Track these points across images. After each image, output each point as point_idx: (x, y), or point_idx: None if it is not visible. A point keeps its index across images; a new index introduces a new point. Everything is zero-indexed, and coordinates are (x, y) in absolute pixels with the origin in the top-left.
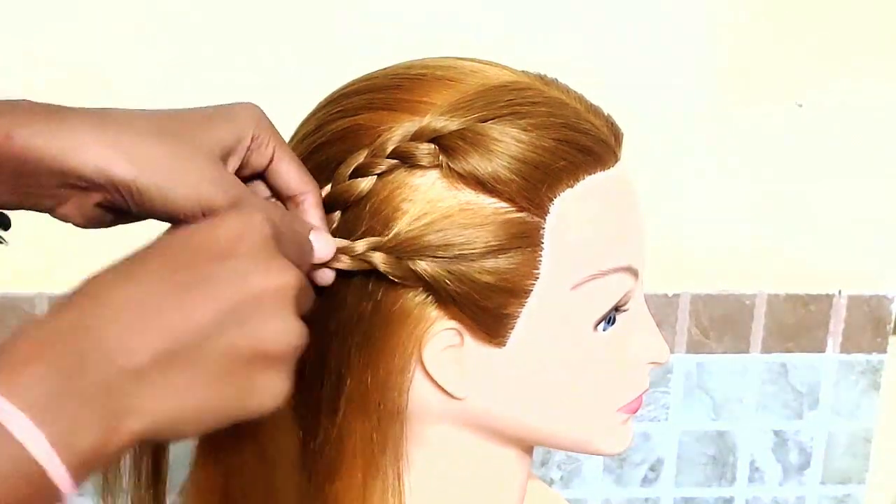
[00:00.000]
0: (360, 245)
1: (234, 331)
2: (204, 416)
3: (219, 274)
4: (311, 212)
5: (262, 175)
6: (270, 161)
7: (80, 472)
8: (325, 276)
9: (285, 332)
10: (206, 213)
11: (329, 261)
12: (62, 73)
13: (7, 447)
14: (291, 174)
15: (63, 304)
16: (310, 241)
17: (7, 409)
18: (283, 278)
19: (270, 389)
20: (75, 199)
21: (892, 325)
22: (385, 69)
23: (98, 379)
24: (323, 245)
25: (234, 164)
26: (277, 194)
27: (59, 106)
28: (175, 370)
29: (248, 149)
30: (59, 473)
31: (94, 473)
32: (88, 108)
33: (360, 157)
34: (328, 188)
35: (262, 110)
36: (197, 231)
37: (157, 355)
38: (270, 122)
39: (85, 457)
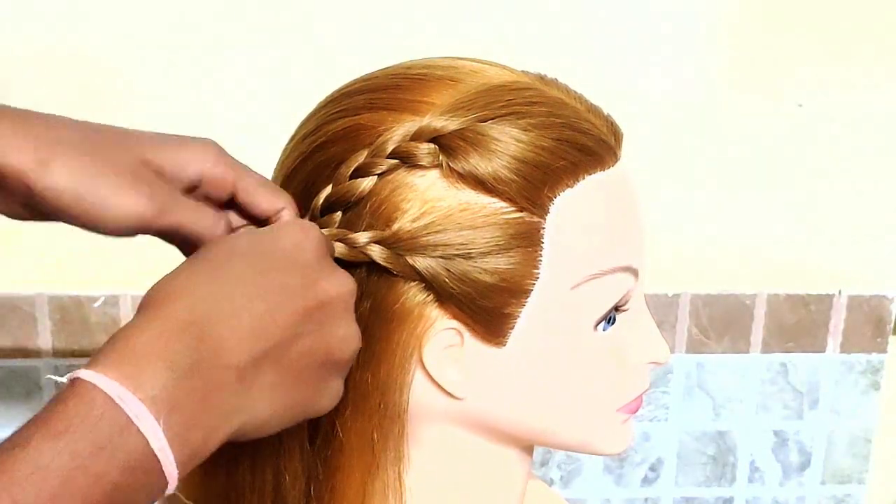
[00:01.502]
0: (363, 237)
1: (310, 335)
2: (285, 415)
3: (293, 281)
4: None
5: (233, 203)
6: (235, 193)
7: (186, 467)
8: None
9: (351, 336)
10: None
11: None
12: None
13: (132, 439)
14: (263, 196)
15: (163, 300)
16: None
17: (134, 403)
18: (346, 285)
19: (334, 391)
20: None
21: (892, 325)
22: (385, 69)
23: (211, 378)
24: None
25: (180, 184)
26: (252, 219)
27: None
28: (267, 371)
29: (197, 185)
30: (170, 467)
31: (193, 467)
32: (13, 108)
33: (361, 157)
34: (329, 188)
35: (217, 145)
36: (262, 236)
37: (254, 356)
38: (227, 156)
39: (194, 453)
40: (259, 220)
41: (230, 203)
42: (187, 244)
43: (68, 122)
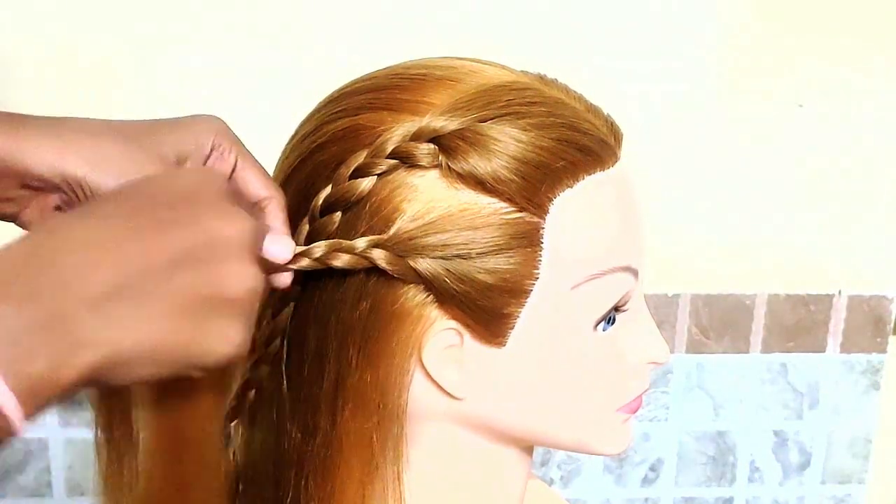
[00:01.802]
0: (361, 242)
1: (190, 271)
2: (159, 356)
3: (176, 218)
4: (274, 214)
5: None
6: (234, 170)
7: (30, 400)
8: (283, 279)
9: (241, 275)
10: None
11: (329, 259)
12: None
13: None
14: (255, 181)
15: (21, 238)
16: (266, 225)
17: None
18: (238, 224)
19: (226, 333)
20: (35, 203)
21: (892, 325)
22: (385, 69)
23: (52, 308)
24: (280, 247)
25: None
26: (242, 202)
27: (11, 112)
28: (130, 304)
29: (208, 157)
30: (6, 400)
31: (48, 405)
32: (43, 116)
33: (360, 158)
34: (328, 189)
35: (224, 122)
36: (157, 179)
37: (112, 288)
38: (233, 133)
39: (36, 385)
40: (248, 205)
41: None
42: None
43: (99, 127)
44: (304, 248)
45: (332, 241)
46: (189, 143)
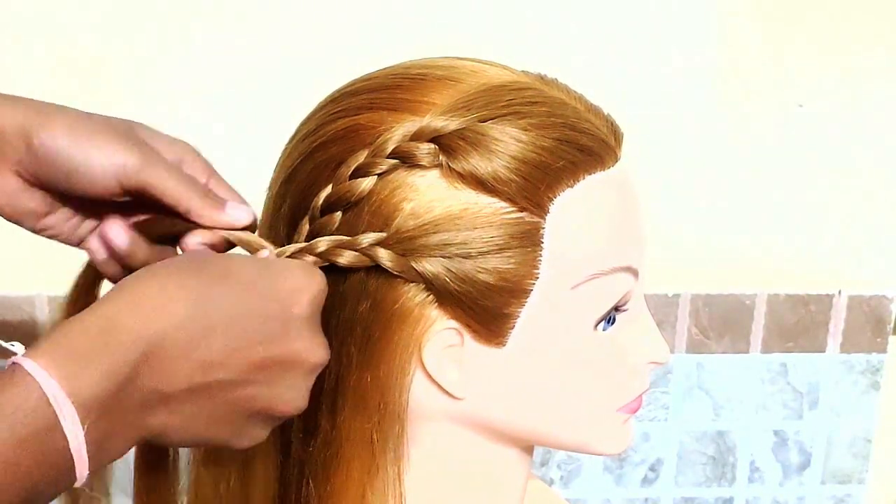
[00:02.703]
0: (364, 239)
1: (257, 386)
2: (194, 440)
3: (269, 332)
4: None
5: None
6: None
7: (96, 468)
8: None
9: (298, 400)
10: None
11: (332, 256)
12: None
13: (55, 437)
14: (222, 190)
15: (124, 301)
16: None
17: (67, 406)
18: (317, 356)
19: (256, 437)
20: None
21: (892, 325)
22: (385, 69)
23: (142, 396)
24: (241, 212)
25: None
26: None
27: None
28: (195, 402)
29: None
30: (82, 468)
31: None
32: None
33: (361, 157)
34: (329, 188)
35: (198, 151)
36: (264, 272)
37: (191, 387)
38: (204, 158)
39: (105, 457)
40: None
41: None
42: (166, 213)
43: (64, 110)
44: (305, 243)
45: (335, 237)
46: (164, 147)
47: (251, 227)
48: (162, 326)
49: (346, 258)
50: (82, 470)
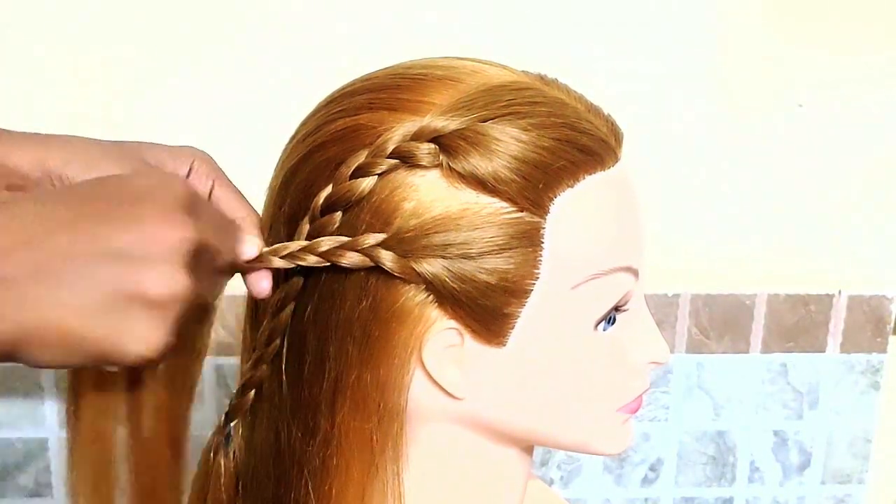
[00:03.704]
0: (367, 240)
1: (119, 267)
2: (69, 343)
3: (120, 214)
4: (248, 227)
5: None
6: (211, 191)
7: None
8: (261, 288)
9: (168, 279)
10: None
11: (334, 256)
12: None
13: None
14: (231, 201)
15: None
16: (239, 230)
17: None
18: (177, 231)
19: (144, 334)
20: None
21: (892, 325)
22: (385, 69)
23: None
24: (250, 246)
25: None
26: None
27: None
28: (46, 287)
29: (187, 175)
30: None
31: None
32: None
33: (361, 157)
34: (329, 188)
35: (208, 154)
36: (121, 176)
37: (39, 270)
38: (214, 162)
39: None
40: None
41: None
42: None
43: (74, 138)
44: (307, 242)
45: (338, 237)
46: (166, 157)
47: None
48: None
49: (348, 259)
50: None
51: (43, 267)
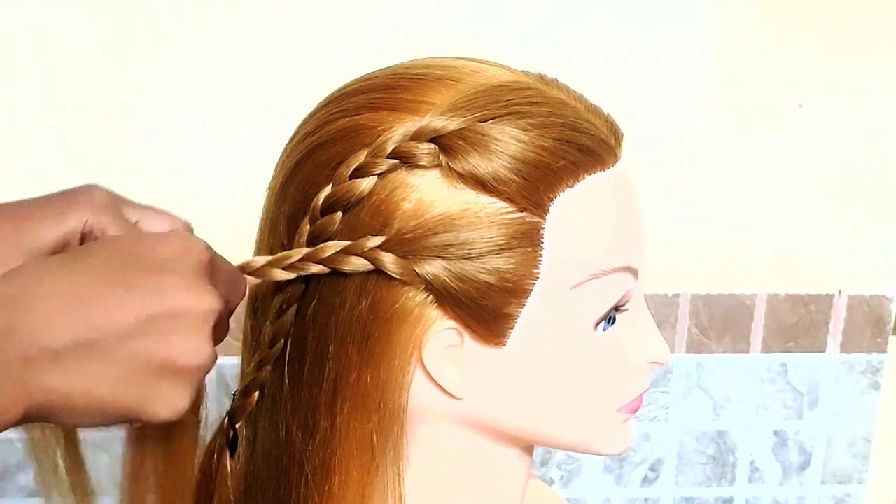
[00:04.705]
0: (369, 243)
1: (150, 338)
2: (105, 409)
3: (149, 284)
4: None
5: None
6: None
7: None
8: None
9: (197, 350)
10: None
11: (337, 263)
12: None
13: None
14: (156, 224)
15: (4, 276)
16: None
17: None
18: (205, 303)
19: (171, 400)
20: None
21: (892, 325)
22: (385, 69)
23: (21, 351)
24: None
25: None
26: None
27: None
28: (90, 360)
29: (85, 234)
30: None
31: None
32: None
33: (361, 157)
34: (328, 188)
35: (102, 192)
36: (141, 241)
37: (77, 342)
38: (113, 200)
39: None
40: None
41: None
42: None
43: None
44: (309, 249)
45: (339, 242)
46: (57, 233)
47: None
48: (34, 287)
49: (350, 264)
50: None
51: (80, 338)
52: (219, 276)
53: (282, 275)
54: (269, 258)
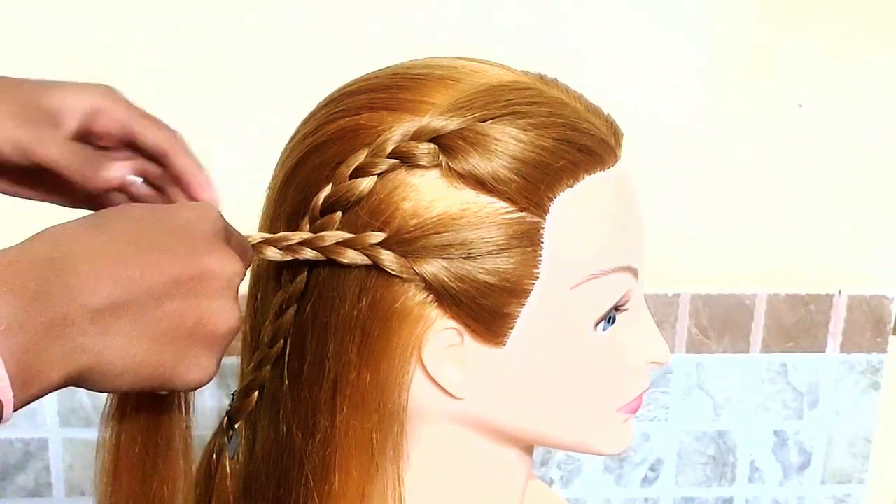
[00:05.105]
0: (369, 239)
1: (183, 300)
2: (140, 372)
3: (177, 247)
4: (182, 160)
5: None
6: (128, 128)
7: (21, 393)
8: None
9: (228, 312)
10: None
11: (335, 253)
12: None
13: None
14: (150, 134)
15: (37, 238)
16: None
17: None
18: (230, 266)
19: (201, 365)
20: None
21: (892, 325)
22: (385, 69)
23: (60, 311)
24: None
25: (71, 125)
26: (147, 156)
27: None
28: (126, 320)
29: (92, 121)
30: (4, 385)
31: (32, 400)
32: None
33: (361, 157)
34: (328, 188)
35: (113, 90)
36: (159, 208)
37: (114, 302)
38: (120, 98)
39: (29, 379)
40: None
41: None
42: (72, 192)
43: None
44: (310, 234)
45: (340, 233)
46: (67, 98)
47: None
48: (69, 249)
49: (347, 256)
50: (5, 392)
51: (122, 301)
52: (233, 243)
53: (276, 254)
54: (268, 235)
